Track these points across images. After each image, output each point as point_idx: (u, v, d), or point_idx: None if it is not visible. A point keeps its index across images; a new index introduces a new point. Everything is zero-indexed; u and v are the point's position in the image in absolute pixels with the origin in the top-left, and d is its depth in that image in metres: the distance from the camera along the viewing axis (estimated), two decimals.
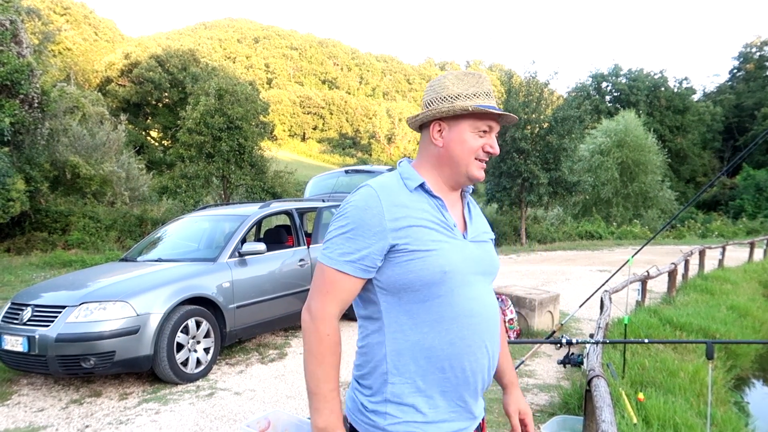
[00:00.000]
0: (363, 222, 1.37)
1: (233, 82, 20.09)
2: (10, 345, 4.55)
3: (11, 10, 14.37)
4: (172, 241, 6.55)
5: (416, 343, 1.38)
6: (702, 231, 30.99)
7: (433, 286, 1.38)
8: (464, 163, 1.48)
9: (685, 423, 3.74)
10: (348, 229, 1.38)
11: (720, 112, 54.72)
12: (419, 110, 1.54)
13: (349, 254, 1.36)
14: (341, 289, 1.38)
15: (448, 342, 1.39)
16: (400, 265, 1.37)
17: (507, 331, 6.21)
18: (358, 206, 1.39)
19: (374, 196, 1.39)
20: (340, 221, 1.41)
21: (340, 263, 1.37)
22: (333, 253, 1.39)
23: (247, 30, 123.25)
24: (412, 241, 1.37)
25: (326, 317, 1.37)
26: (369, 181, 1.45)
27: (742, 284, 10.84)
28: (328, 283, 1.38)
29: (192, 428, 3.96)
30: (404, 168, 1.51)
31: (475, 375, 1.43)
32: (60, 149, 16.95)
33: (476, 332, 1.42)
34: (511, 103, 21.01)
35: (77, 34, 54.48)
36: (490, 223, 9.99)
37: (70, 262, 12.52)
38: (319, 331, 1.36)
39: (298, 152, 76.82)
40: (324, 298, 1.38)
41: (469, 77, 1.51)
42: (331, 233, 1.41)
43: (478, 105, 1.45)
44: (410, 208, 1.40)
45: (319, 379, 1.35)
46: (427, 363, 1.38)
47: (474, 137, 1.47)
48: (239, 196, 19.74)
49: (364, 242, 1.36)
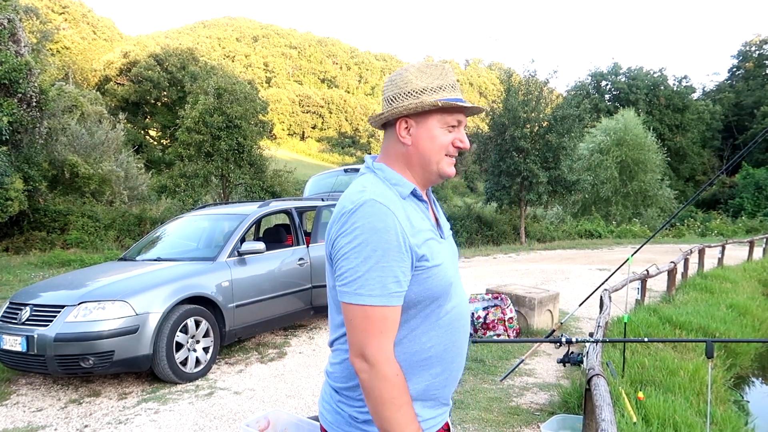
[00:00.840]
0: (390, 245, 1.25)
1: (232, 81, 20.08)
2: (9, 345, 4.54)
3: (9, 8, 14.34)
4: (171, 240, 6.54)
5: (414, 354, 1.35)
6: (701, 230, 31.01)
7: (439, 299, 1.35)
8: (435, 161, 1.41)
9: (684, 422, 3.73)
10: (378, 257, 1.24)
11: (719, 110, 54.80)
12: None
13: (389, 284, 1.25)
14: (393, 324, 1.28)
15: (442, 348, 1.38)
16: (419, 284, 1.31)
17: (507, 330, 6.21)
18: (378, 228, 1.25)
19: (388, 213, 1.27)
20: (362, 251, 1.25)
21: (386, 297, 1.25)
22: (373, 289, 1.24)
23: (246, 29, 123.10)
24: (429, 257, 1.32)
25: (389, 358, 1.27)
26: (366, 193, 1.31)
27: (741, 283, 10.84)
28: (380, 321, 1.26)
29: (191, 428, 3.95)
30: (389, 173, 1.40)
31: (460, 371, 1.46)
32: (58, 148, 16.94)
33: (462, 332, 1.44)
34: (511, 101, 20.99)
35: (75, 32, 54.41)
36: (488, 219, 9.97)
37: (69, 261, 12.50)
38: (387, 375, 1.25)
39: (297, 151, 76.79)
40: (380, 338, 1.26)
41: (432, 69, 1.42)
42: (359, 267, 1.25)
43: (446, 99, 1.38)
44: (414, 219, 1.34)
45: (404, 424, 1.26)
46: (421, 371, 1.36)
47: (443, 133, 1.40)
48: (238, 195, 19.73)
49: (399, 267, 1.26)
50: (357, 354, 1.27)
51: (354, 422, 1.36)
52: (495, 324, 6.22)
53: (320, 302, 6.37)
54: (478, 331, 6.25)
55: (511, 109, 20.84)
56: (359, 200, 1.29)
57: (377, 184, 1.36)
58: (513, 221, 24.25)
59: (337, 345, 1.43)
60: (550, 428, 3.52)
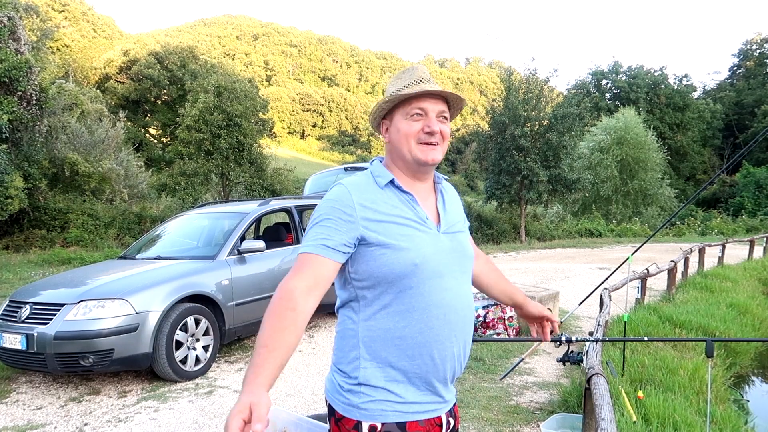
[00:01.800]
0: (333, 211, 1.44)
1: (232, 79, 20.08)
2: (9, 343, 4.54)
3: (9, 6, 14.33)
4: (171, 238, 6.53)
5: (387, 331, 1.45)
6: (702, 228, 31.00)
7: (404, 278, 1.44)
8: (406, 149, 1.52)
9: (684, 421, 3.73)
10: (320, 219, 1.45)
11: (720, 109, 54.78)
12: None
13: (321, 239, 1.41)
14: (311, 268, 1.40)
15: (417, 331, 1.45)
16: (374, 259, 1.43)
17: (507, 329, 6.21)
18: (329, 199, 1.47)
19: (345, 192, 1.47)
20: (314, 215, 1.49)
21: (311, 247, 1.41)
22: (307, 241, 1.44)
23: (246, 27, 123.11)
24: (383, 236, 1.43)
25: (285, 287, 1.38)
26: (341, 180, 1.53)
27: (741, 282, 10.83)
28: (301, 263, 1.42)
29: (191, 426, 3.95)
30: (375, 167, 1.58)
31: (444, 363, 1.49)
32: (58, 146, 16.93)
33: (446, 322, 1.48)
34: (511, 100, 20.99)
35: (76, 30, 54.32)
36: (489, 218, 9.93)
37: (69, 259, 12.50)
38: (275, 298, 1.39)
39: (298, 149, 76.82)
40: (292, 274, 1.41)
41: (404, 72, 1.58)
42: (308, 227, 1.49)
43: (392, 93, 1.53)
44: (379, 203, 1.47)
45: (258, 339, 1.35)
46: (397, 350, 1.44)
47: (408, 123, 1.52)
48: (238, 194, 19.73)
49: (335, 227, 1.42)
50: None
51: (340, 390, 1.48)
52: (495, 323, 6.22)
53: (320, 301, 6.36)
54: (478, 329, 6.26)
55: (512, 107, 20.84)
56: (334, 185, 1.52)
57: (360, 175, 1.55)
58: (513, 220, 24.26)
59: (338, 326, 1.56)
60: (550, 427, 3.52)
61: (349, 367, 1.47)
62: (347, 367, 1.48)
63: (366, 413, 1.43)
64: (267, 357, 1.30)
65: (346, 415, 1.45)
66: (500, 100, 22.03)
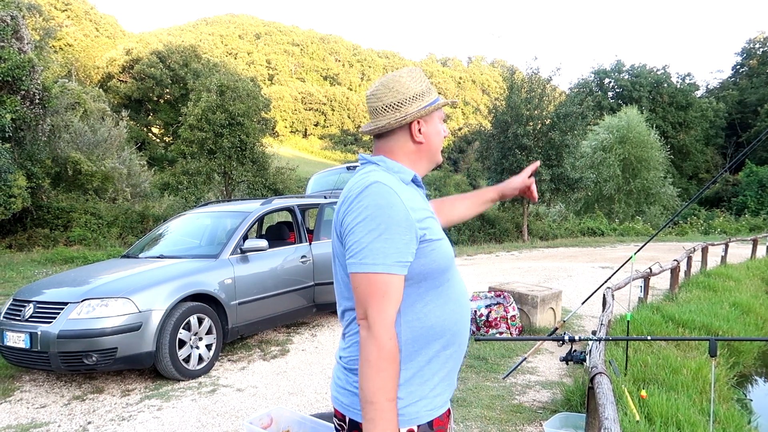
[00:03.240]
0: (392, 219, 1.35)
1: (235, 79, 20.08)
2: (13, 341, 4.56)
3: (12, 5, 14.37)
4: (173, 237, 6.54)
5: (431, 328, 1.44)
6: (704, 228, 30.94)
7: (446, 272, 1.47)
8: (438, 151, 1.60)
9: (687, 420, 3.73)
10: (382, 230, 1.34)
11: (723, 108, 54.63)
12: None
13: (393, 254, 1.34)
14: (395, 291, 1.35)
15: (454, 321, 1.48)
16: (425, 256, 1.41)
17: (509, 328, 6.21)
18: (381, 205, 1.36)
19: (391, 192, 1.38)
20: (368, 224, 1.35)
21: (388, 266, 1.34)
22: (377, 258, 1.33)
23: (248, 26, 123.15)
24: (430, 232, 1.43)
25: (386, 321, 1.33)
26: (370, 177, 1.42)
27: (744, 281, 10.81)
28: (382, 287, 1.34)
29: (194, 424, 3.96)
30: (390, 163, 1.52)
31: (465, 346, 1.56)
32: (61, 145, 16.96)
33: (467, 307, 1.56)
34: (514, 99, 20.96)
35: (78, 30, 54.43)
36: (491, 217, 9.96)
37: (72, 258, 12.53)
38: (379, 337, 1.32)
39: (300, 148, 76.89)
40: (381, 302, 1.33)
41: (416, 73, 1.59)
42: (364, 239, 1.35)
43: (439, 99, 1.58)
44: (416, 200, 1.46)
45: (379, 388, 1.30)
46: (438, 345, 1.45)
47: (442, 126, 1.61)
48: (241, 193, 19.74)
49: (401, 239, 1.35)
50: (361, 316, 1.37)
51: None
52: (497, 322, 6.21)
53: (323, 300, 6.37)
54: (481, 328, 6.25)
55: (514, 106, 20.82)
56: (365, 183, 1.41)
57: (380, 172, 1.47)
58: (515, 219, 24.23)
59: (349, 330, 1.49)
60: (553, 426, 3.52)
61: None
62: None
63: (403, 419, 1.38)
64: (395, 410, 1.33)
65: None
66: (503, 99, 22.01)
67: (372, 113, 1.57)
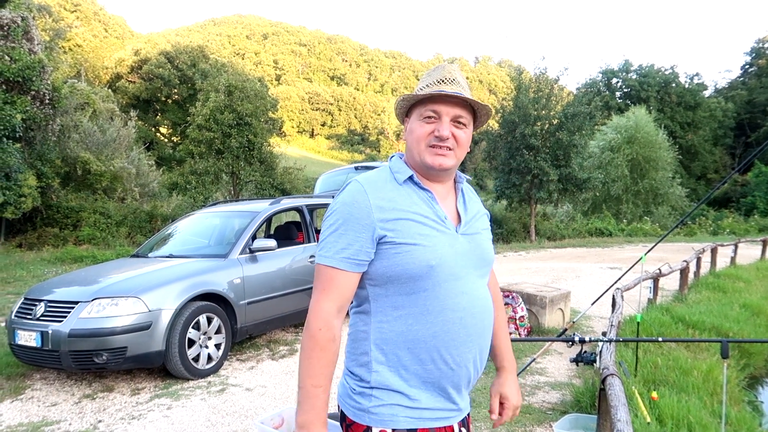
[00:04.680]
0: (351, 216, 1.38)
1: (242, 79, 20.14)
2: (24, 340, 4.59)
3: (23, 7, 14.50)
4: (182, 237, 6.57)
5: (400, 334, 1.40)
6: (713, 228, 30.75)
7: (419, 280, 1.39)
8: (416, 151, 1.46)
9: (699, 422, 3.71)
10: (338, 225, 1.40)
11: (732, 108, 54.24)
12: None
13: (342, 250, 1.38)
14: (338, 286, 1.39)
15: (431, 334, 1.40)
16: (388, 258, 1.38)
17: (518, 329, 6.19)
18: (345, 202, 1.41)
19: (360, 190, 1.41)
20: (329, 219, 1.42)
21: (335, 260, 1.38)
22: (328, 251, 1.39)
23: (255, 26, 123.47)
24: (399, 235, 1.38)
25: (320, 312, 1.38)
26: (357, 176, 1.46)
27: (754, 282, 10.74)
28: (325, 280, 1.39)
29: (204, 423, 3.97)
30: (394, 162, 1.52)
31: (459, 367, 1.43)
32: (71, 145, 17.06)
33: (463, 326, 1.42)
34: (521, 99, 20.90)
35: (87, 30, 54.74)
36: (498, 217, 9.88)
37: (81, 257, 12.60)
38: (311, 326, 1.37)
39: (307, 148, 76.99)
40: (320, 295, 1.39)
41: (434, 70, 1.51)
42: (324, 233, 1.43)
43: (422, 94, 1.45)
44: (397, 201, 1.41)
45: (305, 374, 1.37)
46: (410, 353, 1.40)
47: (421, 125, 1.46)
48: (248, 193, 19.79)
49: (355, 236, 1.37)
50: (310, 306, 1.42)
51: (351, 393, 1.45)
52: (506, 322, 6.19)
53: None
54: None
55: (522, 106, 20.76)
56: (347, 183, 1.46)
57: (377, 171, 1.50)
58: (523, 219, 24.17)
59: (350, 327, 1.51)
60: (563, 427, 3.51)
61: (360, 370, 1.43)
62: (359, 370, 1.44)
63: (376, 418, 1.39)
64: (322, 397, 1.36)
65: (356, 420, 1.41)
66: (510, 99, 21.95)
67: None
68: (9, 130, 12.75)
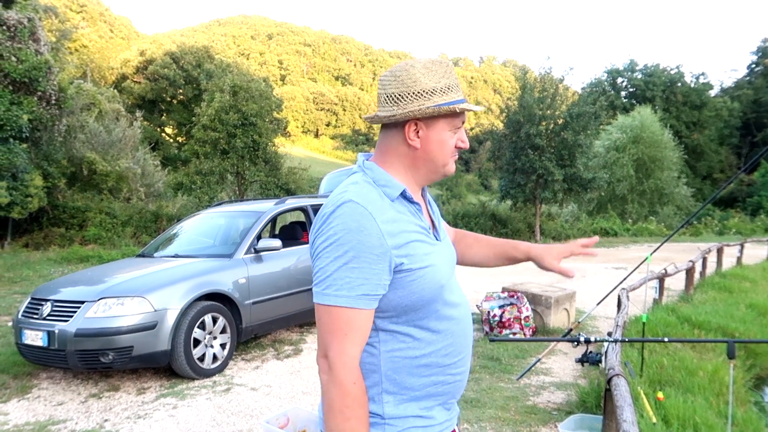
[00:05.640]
0: (361, 245, 1.20)
1: (247, 79, 20.17)
2: (31, 339, 4.62)
3: (29, 8, 14.58)
4: (188, 237, 6.59)
5: (414, 360, 1.31)
6: (719, 228, 30.63)
7: (432, 303, 1.31)
8: (441, 163, 1.37)
9: (705, 423, 3.69)
10: (348, 258, 1.20)
11: (738, 107, 54.00)
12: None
13: (360, 286, 1.20)
14: (359, 327, 1.23)
15: (443, 353, 1.35)
16: (403, 287, 1.26)
17: (523, 329, 6.18)
18: (350, 228, 1.20)
19: (365, 213, 1.22)
20: (335, 250, 1.21)
21: (352, 299, 1.20)
22: (340, 290, 1.20)
23: (260, 27, 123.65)
24: (413, 260, 1.26)
25: (349, 363, 1.21)
26: (346, 194, 1.27)
27: (761, 282, 10.70)
28: (344, 323, 1.21)
29: (209, 423, 3.98)
30: (377, 173, 1.34)
31: (463, 377, 1.42)
32: (77, 146, 17.14)
33: (464, 336, 1.41)
34: (526, 98, 20.87)
35: (93, 31, 55.03)
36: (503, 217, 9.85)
37: (87, 257, 12.66)
38: (342, 381, 1.20)
39: (312, 148, 77.08)
40: (342, 341, 1.21)
41: (437, 66, 1.35)
42: (328, 267, 1.22)
43: (455, 102, 1.33)
44: (399, 221, 1.28)
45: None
46: (424, 378, 1.33)
47: (451, 136, 1.37)
48: (253, 193, 19.83)
49: (371, 269, 1.21)
50: (322, 354, 1.24)
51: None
52: (511, 322, 6.19)
53: None
54: (494, 329, 6.23)
55: (527, 106, 20.73)
56: (338, 201, 1.26)
57: (361, 185, 1.31)
58: (528, 219, 24.12)
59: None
60: (568, 428, 3.50)
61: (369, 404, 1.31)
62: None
63: None
64: None
65: None
66: (515, 99, 21.91)
67: (377, 101, 1.39)
68: (16, 130, 12.83)
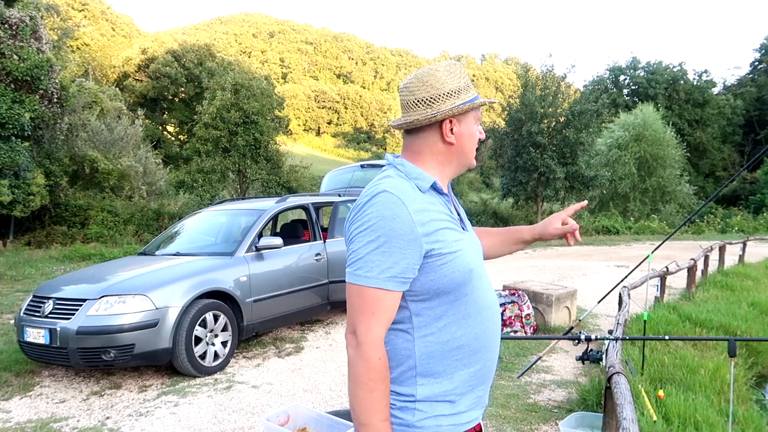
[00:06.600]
0: (394, 232, 1.29)
1: (249, 77, 20.19)
2: (33, 337, 4.63)
3: (31, 6, 14.57)
4: (189, 235, 6.60)
5: (446, 343, 1.38)
6: (721, 226, 30.56)
7: (462, 286, 1.39)
8: (471, 155, 1.51)
9: (705, 421, 3.69)
10: (380, 242, 1.30)
11: (740, 105, 53.81)
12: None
13: (389, 269, 1.29)
14: (386, 308, 1.32)
15: (474, 337, 1.41)
16: (434, 271, 1.34)
17: (524, 327, 6.18)
18: (385, 216, 1.30)
19: (398, 203, 1.32)
20: (368, 235, 1.31)
21: (381, 281, 1.30)
22: (371, 271, 1.30)
23: (262, 24, 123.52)
24: (443, 246, 1.35)
25: (375, 340, 1.31)
26: (381, 185, 1.37)
27: (763, 280, 10.67)
28: (372, 303, 1.31)
29: (210, 421, 3.99)
30: (409, 168, 1.44)
31: (494, 363, 1.49)
32: (79, 144, 17.16)
33: (494, 322, 1.48)
34: (528, 96, 20.86)
35: (95, 29, 54.96)
36: (505, 215, 9.88)
37: (89, 255, 12.68)
38: (368, 356, 1.30)
39: (313, 147, 76.99)
40: (370, 319, 1.31)
41: (455, 68, 1.49)
42: (361, 250, 1.32)
43: (477, 97, 1.49)
44: (431, 211, 1.37)
45: (370, 409, 1.29)
46: (455, 361, 1.39)
47: (476, 128, 1.50)
48: (255, 191, 19.85)
49: (401, 253, 1.30)
50: (350, 330, 1.34)
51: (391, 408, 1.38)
52: (512, 320, 6.19)
53: (337, 297, 6.39)
54: None
55: (528, 104, 20.72)
56: (374, 192, 1.36)
57: (395, 179, 1.40)
58: (529, 217, 24.12)
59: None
60: (569, 426, 3.50)
61: (401, 387, 1.38)
62: (399, 387, 1.38)
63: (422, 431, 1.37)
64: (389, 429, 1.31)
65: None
66: (517, 97, 21.92)
67: (403, 107, 1.48)
68: (18, 128, 12.85)
